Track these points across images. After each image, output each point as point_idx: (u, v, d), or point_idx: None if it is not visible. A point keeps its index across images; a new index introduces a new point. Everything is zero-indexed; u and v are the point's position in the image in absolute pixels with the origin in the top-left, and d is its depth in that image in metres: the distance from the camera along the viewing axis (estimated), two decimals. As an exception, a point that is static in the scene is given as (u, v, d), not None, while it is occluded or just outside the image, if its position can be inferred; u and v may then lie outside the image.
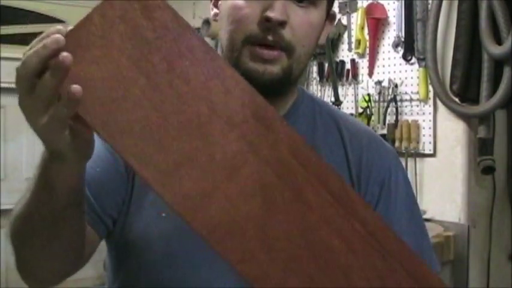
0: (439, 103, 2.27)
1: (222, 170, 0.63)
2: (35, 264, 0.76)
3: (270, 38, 0.78)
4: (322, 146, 0.88)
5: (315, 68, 2.70)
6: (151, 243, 0.83)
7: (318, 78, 2.69)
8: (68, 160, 0.63)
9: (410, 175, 2.24)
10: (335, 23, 2.51)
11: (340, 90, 2.56)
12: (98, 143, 0.65)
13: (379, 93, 2.44)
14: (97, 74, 0.60)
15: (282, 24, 0.77)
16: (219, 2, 0.85)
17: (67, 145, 0.61)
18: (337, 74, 2.57)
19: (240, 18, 0.79)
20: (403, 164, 2.18)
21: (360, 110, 2.49)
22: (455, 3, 2.19)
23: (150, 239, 0.83)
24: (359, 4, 2.53)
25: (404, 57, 2.38)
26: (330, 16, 0.88)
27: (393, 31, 2.43)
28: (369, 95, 2.48)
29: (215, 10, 0.87)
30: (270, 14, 0.76)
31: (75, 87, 0.57)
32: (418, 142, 2.32)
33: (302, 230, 0.65)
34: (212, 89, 0.63)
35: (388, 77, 2.43)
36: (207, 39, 3.08)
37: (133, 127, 0.61)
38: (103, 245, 0.90)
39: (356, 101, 2.54)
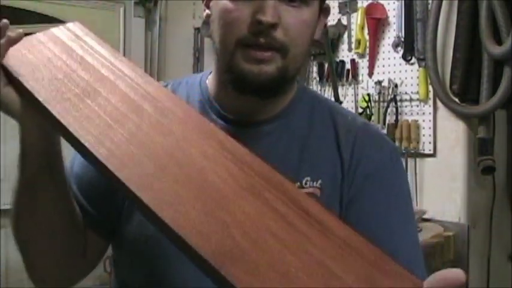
0: (439, 103, 2.27)
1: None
2: (37, 263, 0.80)
3: (262, 40, 0.76)
4: (317, 144, 0.87)
5: (315, 68, 2.70)
6: (143, 243, 0.83)
7: (318, 78, 2.68)
8: (21, 119, 0.72)
9: (410, 175, 2.24)
10: (332, 20, 2.53)
11: (340, 90, 2.56)
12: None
13: (379, 93, 2.44)
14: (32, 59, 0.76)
15: (274, 26, 0.76)
16: (210, 3, 0.83)
17: (11, 103, 0.72)
18: (337, 74, 2.57)
19: (230, 22, 0.77)
20: (403, 164, 2.18)
21: (360, 110, 2.49)
22: (455, 3, 2.19)
23: (142, 239, 0.83)
24: (359, 4, 2.53)
25: (404, 57, 2.38)
26: (323, 10, 0.86)
27: (393, 31, 2.43)
28: (368, 95, 2.48)
29: (207, 11, 0.85)
30: (261, 17, 0.75)
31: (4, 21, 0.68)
32: (418, 142, 2.32)
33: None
34: None
35: (388, 77, 2.43)
36: (207, 40, 3.07)
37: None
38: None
39: (356, 101, 2.54)
